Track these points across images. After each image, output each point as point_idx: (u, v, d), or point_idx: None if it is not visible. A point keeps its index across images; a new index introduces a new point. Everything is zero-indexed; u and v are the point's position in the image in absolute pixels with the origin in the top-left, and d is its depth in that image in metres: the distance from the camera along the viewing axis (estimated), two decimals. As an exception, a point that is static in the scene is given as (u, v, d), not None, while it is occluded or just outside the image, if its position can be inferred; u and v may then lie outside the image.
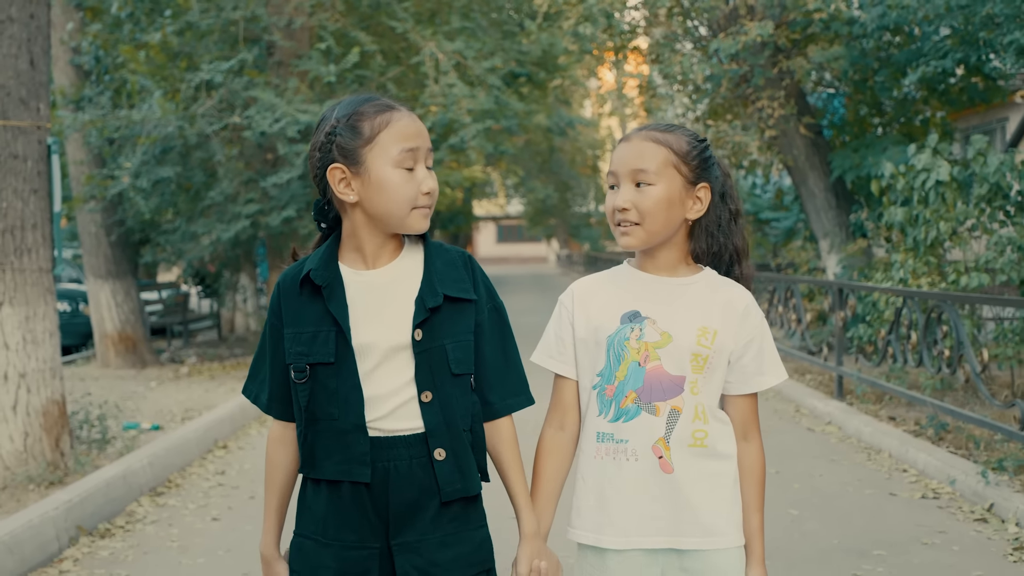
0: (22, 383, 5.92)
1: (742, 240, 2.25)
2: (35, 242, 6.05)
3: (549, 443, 2.26)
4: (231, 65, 10.68)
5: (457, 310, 2.15)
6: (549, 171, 37.56)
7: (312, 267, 2.14)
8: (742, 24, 10.07)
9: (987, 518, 5.15)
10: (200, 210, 11.79)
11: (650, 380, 2.13)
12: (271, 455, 2.26)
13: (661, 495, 2.13)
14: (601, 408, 2.18)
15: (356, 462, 2.09)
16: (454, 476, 2.11)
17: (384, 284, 2.15)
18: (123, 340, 12.22)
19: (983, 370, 6.52)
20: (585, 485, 2.21)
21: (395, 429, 2.10)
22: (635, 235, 2.15)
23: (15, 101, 6.01)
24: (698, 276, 2.21)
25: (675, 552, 2.15)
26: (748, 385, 2.20)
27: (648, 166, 2.12)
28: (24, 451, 5.87)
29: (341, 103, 2.16)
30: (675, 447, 2.12)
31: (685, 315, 2.15)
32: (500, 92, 12.60)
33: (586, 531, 2.20)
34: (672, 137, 2.16)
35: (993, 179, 7.41)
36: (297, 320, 2.14)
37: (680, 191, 2.14)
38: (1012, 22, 7.76)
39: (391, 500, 2.09)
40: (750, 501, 2.20)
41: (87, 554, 4.83)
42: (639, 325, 2.16)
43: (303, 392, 2.12)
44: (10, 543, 4.44)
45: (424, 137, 2.13)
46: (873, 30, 9.57)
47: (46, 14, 6.25)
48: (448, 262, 2.18)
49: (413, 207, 2.10)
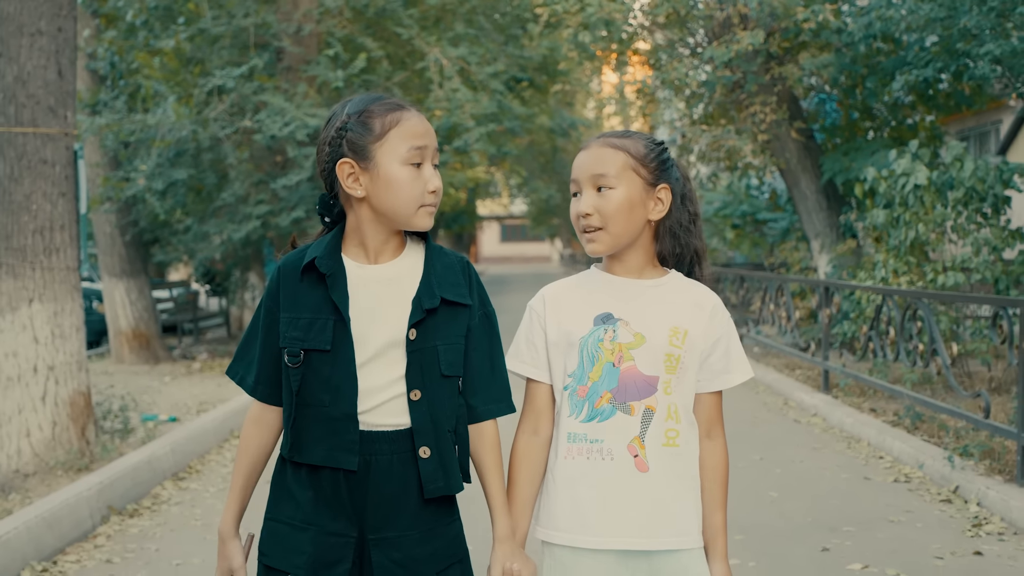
0: (51, 375, 6.24)
1: (701, 242, 2.31)
2: (63, 242, 6.38)
3: (523, 448, 2.27)
4: (242, 71, 11.05)
5: (452, 314, 2.18)
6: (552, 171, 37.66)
7: (317, 255, 2.17)
8: (735, 33, 10.44)
9: (952, 499, 5.54)
10: (211, 211, 12.18)
11: (624, 380, 2.16)
12: (246, 436, 2.28)
13: (636, 494, 2.16)
14: (573, 408, 2.20)
15: (344, 450, 2.11)
16: (437, 474, 2.15)
17: (385, 280, 2.19)
18: (137, 337, 12.60)
19: (952, 363, 6.90)
20: (556, 485, 2.22)
21: (380, 424, 2.13)
22: (601, 240, 2.20)
23: (44, 109, 6.35)
24: (666, 278, 2.26)
25: (644, 554, 2.17)
26: (714, 383, 2.24)
27: (607, 170, 2.17)
28: (53, 439, 6.20)
29: (352, 100, 2.20)
30: (650, 446, 2.15)
31: (656, 316, 2.20)
32: (503, 96, 12.99)
33: (559, 531, 2.21)
34: (629, 142, 2.21)
35: (968, 183, 7.81)
36: (295, 305, 2.17)
37: (641, 193, 2.19)
38: (987, 34, 8.16)
39: (369, 492, 2.12)
40: (714, 498, 2.23)
41: (118, 531, 5.23)
42: (612, 326, 2.19)
43: (295, 377, 2.15)
44: (50, 520, 4.85)
45: (431, 136, 2.18)
46: (860, 39, 9.96)
47: (73, 27, 6.59)
48: (447, 266, 2.22)
49: (420, 205, 2.15)
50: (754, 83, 10.96)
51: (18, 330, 6.16)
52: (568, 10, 10.88)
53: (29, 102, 6.28)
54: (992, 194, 7.95)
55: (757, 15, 10.22)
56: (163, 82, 11.67)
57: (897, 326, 7.40)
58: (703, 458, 2.23)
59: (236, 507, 2.29)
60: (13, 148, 6.23)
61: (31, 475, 6.10)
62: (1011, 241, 8.01)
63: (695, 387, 2.23)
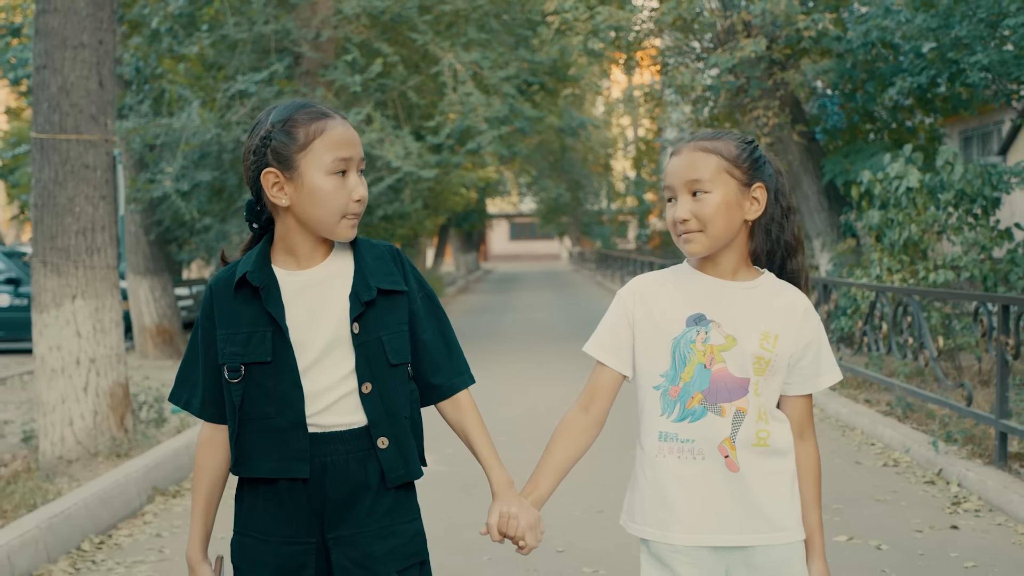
0: (92, 367, 6.61)
1: (793, 235, 2.29)
2: (103, 242, 6.77)
3: (570, 420, 2.31)
4: (263, 76, 11.48)
5: (391, 303, 2.19)
6: (561, 170, 37.97)
7: (247, 269, 2.16)
8: (739, 40, 10.85)
9: (935, 480, 5.96)
10: (233, 211, 12.62)
11: (716, 382, 2.17)
12: (200, 458, 2.26)
13: (728, 493, 2.18)
14: (664, 408, 2.21)
15: (294, 459, 2.12)
16: (397, 462, 2.17)
17: (318, 282, 2.18)
18: (160, 333, 13.05)
19: (943, 356, 7.30)
20: (647, 482, 2.24)
21: (333, 424, 2.14)
22: (698, 242, 2.20)
23: (86, 118, 6.74)
24: (759, 280, 2.25)
25: (739, 549, 2.20)
26: (806, 386, 2.25)
27: (702, 175, 2.17)
28: (94, 428, 6.58)
29: (276, 108, 2.18)
30: (740, 447, 2.17)
31: (748, 319, 2.20)
32: (514, 100, 13.42)
33: (651, 527, 2.23)
34: (721, 144, 2.21)
35: (958, 186, 8.23)
36: (231, 321, 2.16)
37: (736, 194, 2.19)
38: (977, 43, 8.58)
39: (328, 494, 2.13)
40: (809, 497, 2.26)
41: (163, 509, 5.67)
42: (704, 328, 2.20)
43: (236, 392, 2.14)
44: (104, 498, 5.29)
45: (357, 145, 2.16)
46: (859, 46, 10.36)
47: (112, 40, 6.99)
48: (377, 256, 2.22)
49: (343, 215, 2.13)
50: (757, 88, 11.37)
51: (62, 325, 6.54)
52: (578, 18, 11.30)
53: (72, 111, 6.66)
54: (982, 196, 8.38)
55: (760, 22, 10.62)
56: (187, 87, 12.10)
57: (889, 321, 7.83)
58: (797, 459, 2.26)
59: (200, 531, 2.28)
60: (57, 154, 6.61)
61: (74, 461, 6.48)
62: (999, 240, 8.44)
63: (782, 388, 2.25)
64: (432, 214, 22.35)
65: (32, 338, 6.65)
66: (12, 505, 5.09)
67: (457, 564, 4.50)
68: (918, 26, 8.92)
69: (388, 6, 12.42)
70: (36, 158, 6.65)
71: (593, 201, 45.84)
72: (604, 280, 31.31)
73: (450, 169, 14.65)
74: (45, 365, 6.51)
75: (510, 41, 14.77)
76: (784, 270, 2.29)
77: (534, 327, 17.09)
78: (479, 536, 4.69)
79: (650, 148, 38.85)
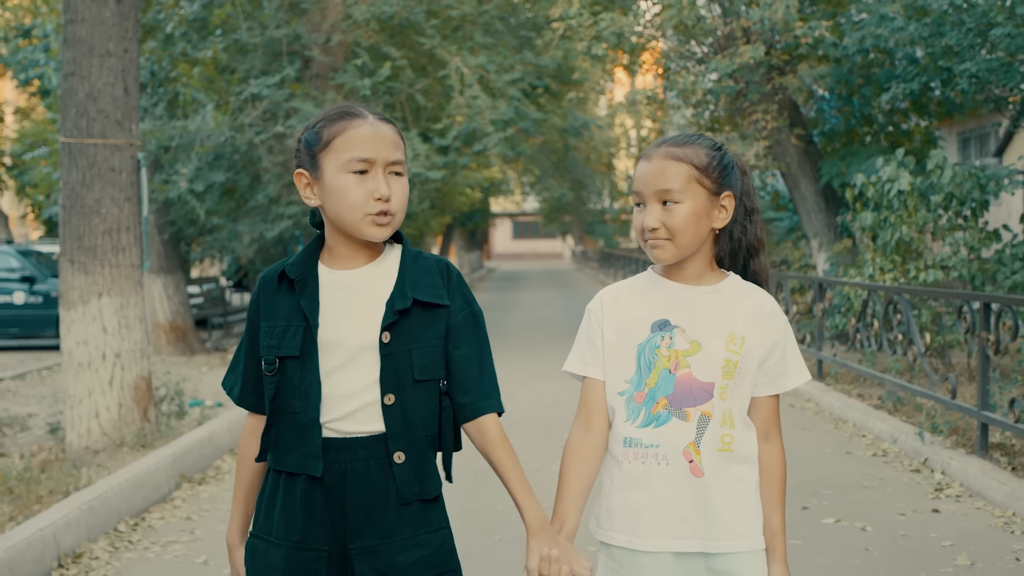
0: (117, 362, 6.88)
1: (755, 236, 2.30)
2: (128, 242, 7.04)
3: (575, 445, 2.26)
4: (276, 80, 11.81)
5: (428, 316, 2.15)
6: (564, 169, 38.07)
7: (289, 263, 2.19)
8: (738, 46, 11.18)
9: (920, 469, 6.30)
10: (245, 211, 12.95)
11: (680, 387, 2.17)
12: (242, 448, 2.28)
13: (692, 498, 2.17)
14: (629, 414, 2.21)
15: (311, 456, 2.10)
16: (411, 479, 2.12)
17: (357, 284, 2.16)
18: (174, 330, 13.36)
19: (933, 352, 7.63)
20: (613, 488, 2.23)
21: (353, 431, 2.11)
22: (666, 249, 2.18)
23: (112, 123, 7.03)
24: (723, 283, 2.26)
25: (702, 555, 2.18)
26: (771, 387, 2.24)
27: (672, 185, 2.15)
28: (119, 419, 6.84)
29: (322, 111, 2.21)
30: (705, 451, 2.16)
31: (712, 323, 2.20)
32: (519, 102, 13.74)
33: (617, 532, 2.22)
34: (691, 151, 2.18)
35: (947, 189, 8.57)
36: (272, 314, 2.17)
37: (705, 203, 2.18)
38: (967, 52, 8.92)
39: (348, 502, 2.10)
40: (771, 500, 2.25)
41: (191, 495, 6.01)
42: (669, 334, 2.19)
43: (270, 384, 2.15)
44: (137, 484, 5.63)
45: (384, 146, 2.12)
46: (855, 52, 10.70)
47: (136, 48, 7.27)
48: (424, 269, 2.18)
49: (364, 214, 2.09)
50: (756, 92, 11.70)
51: (88, 321, 6.82)
52: (582, 24, 11.62)
53: (99, 116, 6.95)
54: (971, 198, 8.72)
55: (759, 29, 10.94)
56: (201, 90, 12.42)
57: (880, 319, 8.16)
58: (760, 460, 2.24)
59: (240, 518, 2.30)
60: (85, 157, 6.90)
61: (100, 451, 6.77)
62: (987, 241, 8.78)
63: (751, 391, 2.23)
64: (439, 214, 22.67)
65: (59, 334, 6.92)
66: (47, 491, 5.41)
67: (469, 543, 4.81)
68: (910, 34, 9.27)
69: (397, 11, 12.73)
70: (64, 161, 6.93)
71: (596, 200, 46.00)
72: (607, 279, 31.56)
73: (457, 170, 14.96)
74: (72, 359, 6.78)
75: (514, 43, 15.08)
76: (747, 270, 2.31)
77: (538, 324, 17.42)
78: (489, 517, 5.02)
79: (653, 146, 38.94)
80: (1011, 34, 8.24)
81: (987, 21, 8.67)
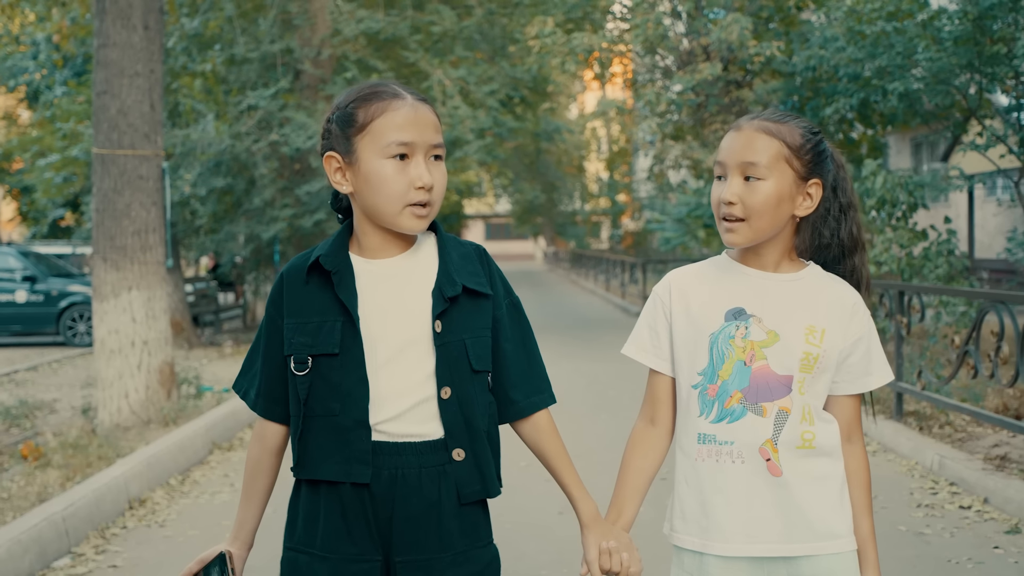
0: (144, 348, 7.72)
1: (849, 235, 2.14)
2: (154, 242, 7.89)
3: (639, 437, 2.18)
4: (272, 92, 12.74)
5: (475, 305, 2.03)
6: (536, 172, 38.83)
7: (321, 253, 2.02)
8: (697, 63, 12.26)
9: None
10: (240, 213, 13.86)
11: (756, 380, 2.03)
12: (251, 454, 2.14)
13: (770, 499, 2.03)
14: (703, 408, 2.07)
15: (356, 461, 1.95)
16: (473, 477, 2.01)
17: (397, 274, 2.03)
18: (173, 325, 14.17)
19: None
20: (687, 488, 2.10)
21: (405, 434, 1.98)
22: (741, 232, 2.04)
23: (140, 136, 7.89)
24: (803, 272, 2.11)
25: (783, 560, 2.05)
26: (855, 385, 2.10)
27: (759, 159, 2.01)
28: (146, 400, 7.67)
29: (351, 89, 2.05)
30: (783, 449, 2.02)
31: (791, 313, 2.05)
32: (497, 112, 14.72)
33: (690, 535, 2.09)
34: (786, 128, 2.04)
35: (879, 193, 9.68)
36: (301, 310, 2.01)
37: (791, 187, 2.03)
38: (896, 72, 10.09)
39: (396, 511, 1.97)
40: (860, 504, 2.10)
41: (223, 459, 6.95)
42: (744, 323, 2.05)
43: (303, 385, 1.99)
44: (180, 447, 6.60)
45: (427, 129, 1.97)
46: (803, 69, 11.81)
47: (161, 69, 8.15)
48: (464, 255, 2.07)
49: (405, 204, 1.96)
50: (715, 104, 12.78)
51: (119, 312, 7.66)
52: (556, 42, 12.65)
53: (129, 130, 7.81)
54: (901, 202, 9.83)
55: (717, 47, 12.02)
56: (201, 101, 13.32)
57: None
58: (845, 463, 2.10)
59: (238, 519, 2.16)
60: (116, 167, 7.75)
61: (129, 429, 7.60)
62: (915, 240, 9.87)
63: (829, 388, 2.09)
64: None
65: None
66: (96, 457, 6.26)
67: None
68: (849, 55, 10.39)
69: (383, 27, 13.67)
70: (97, 170, 7.77)
71: (567, 202, 46.79)
72: (578, 279, 32.21)
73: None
74: (104, 346, 7.60)
75: (487, 50, 16.00)
76: (838, 270, 2.16)
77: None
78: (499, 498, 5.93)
79: (622, 150, 40.17)
80: (932, 58, 9.38)
81: (912, 46, 9.80)
